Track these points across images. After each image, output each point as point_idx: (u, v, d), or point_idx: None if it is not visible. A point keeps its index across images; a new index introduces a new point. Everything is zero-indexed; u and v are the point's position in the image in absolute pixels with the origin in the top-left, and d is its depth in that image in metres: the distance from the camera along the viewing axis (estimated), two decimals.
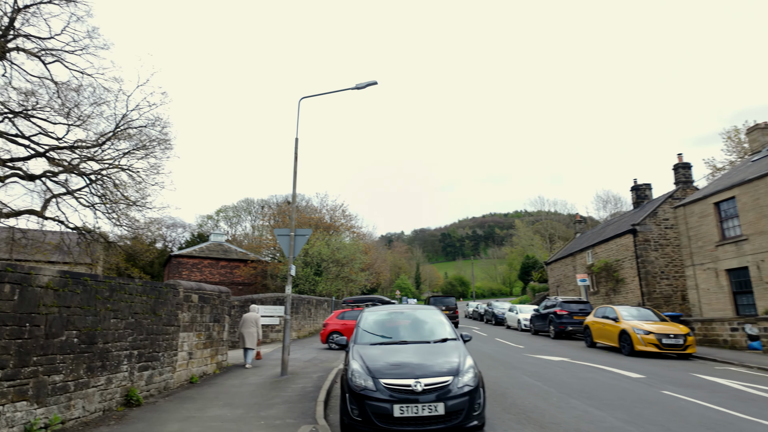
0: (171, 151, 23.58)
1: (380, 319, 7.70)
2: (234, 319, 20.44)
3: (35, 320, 5.52)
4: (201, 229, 63.56)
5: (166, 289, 8.95)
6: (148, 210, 22.77)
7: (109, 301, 7.07)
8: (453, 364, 6.05)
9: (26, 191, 22.09)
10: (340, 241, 38.46)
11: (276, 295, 22.82)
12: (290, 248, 11.14)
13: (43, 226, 21.00)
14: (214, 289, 11.35)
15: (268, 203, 63.44)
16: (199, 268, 37.40)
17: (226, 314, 12.14)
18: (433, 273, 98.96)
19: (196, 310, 10.23)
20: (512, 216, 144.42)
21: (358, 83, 11.53)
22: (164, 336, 8.81)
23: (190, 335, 9.95)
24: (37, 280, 5.58)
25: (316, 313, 29.28)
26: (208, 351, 10.96)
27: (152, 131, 22.19)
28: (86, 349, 6.47)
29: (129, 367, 7.60)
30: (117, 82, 28.43)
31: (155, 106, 22.12)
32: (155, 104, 22.55)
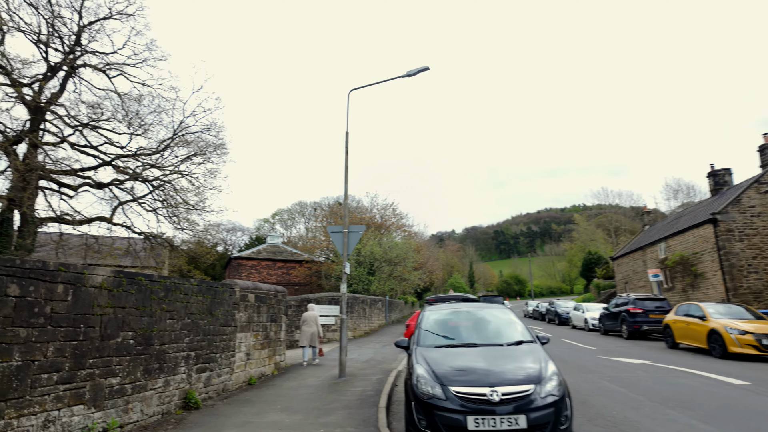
0: (226, 156, 24.07)
1: (443, 319, 7.02)
2: (291, 319, 20.46)
3: (90, 321, 5.34)
4: (258, 232, 65.56)
5: (222, 288, 8.76)
6: (207, 213, 23.35)
7: (165, 301, 6.88)
8: (533, 370, 5.28)
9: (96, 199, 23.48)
10: (392, 240, 38.01)
11: (331, 295, 22.67)
12: (344, 245, 10.71)
13: (111, 231, 22.07)
14: (270, 289, 11.14)
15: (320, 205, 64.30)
16: (258, 270, 38.24)
17: (282, 314, 11.92)
18: (486, 271, 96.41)
19: (252, 309, 10.02)
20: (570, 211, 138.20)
21: (409, 70, 10.91)
22: (221, 337, 8.61)
23: (247, 335, 9.74)
24: (91, 280, 5.40)
25: (371, 313, 28.96)
26: (265, 351, 10.75)
27: (208, 136, 22.71)
28: (143, 350, 6.28)
29: (186, 369, 7.41)
30: (174, 91, 29.54)
31: (210, 111, 22.73)
32: (209, 110, 23.12)
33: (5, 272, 4.31)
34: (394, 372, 10.97)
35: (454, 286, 65.24)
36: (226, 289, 8.89)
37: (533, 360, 5.55)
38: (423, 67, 10.77)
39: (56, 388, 4.82)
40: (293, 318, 20.60)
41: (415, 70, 10.79)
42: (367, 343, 20.13)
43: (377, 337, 23.60)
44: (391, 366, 12.61)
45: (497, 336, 6.41)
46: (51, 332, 4.78)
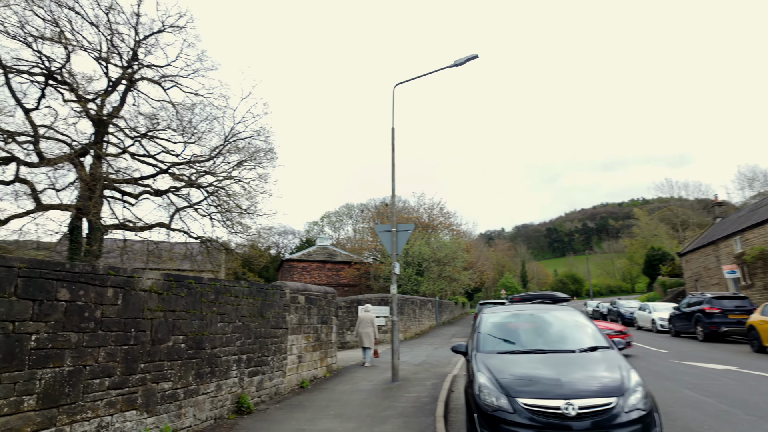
0: (276, 161, 24.39)
1: (504, 322, 6.46)
2: (341, 320, 20.37)
3: (140, 325, 5.26)
4: (308, 235, 66.77)
5: (273, 290, 8.62)
6: (259, 217, 23.79)
7: (215, 304, 6.78)
8: (613, 380, 4.64)
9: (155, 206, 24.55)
10: (440, 239, 37.30)
11: (380, 296, 22.39)
12: (392, 245, 10.33)
13: (169, 237, 22.94)
14: (320, 290, 10.95)
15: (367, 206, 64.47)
16: (308, 271, 38.75)
17: (333, 315, 11.71)
18: (540, 271, 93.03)
19: (303, 311, 9.85)
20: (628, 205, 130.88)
21: (456, 60, 10.37)
22: (272, 339, 8.47)
23: (298, 338, 9.58)
24: (141, 284, 5.33)
25: (421, 314, 28.44)
26: (317, 354, 10.56)
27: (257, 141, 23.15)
28: (194, 354, 6.18)
29: (238, 372, 7.28)
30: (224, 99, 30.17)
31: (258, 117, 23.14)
32: (258, 115, 23.52)
33: (55, 276, 4.26)
34: (449, 377, 10.45)
35: (505, 287, 63.37)
36: (276, 291, 8.75)
37: (611, 368, 4.90)
38: (471, 55, 10.20)
39: (108, 394, 4.74)
40: (343, 319, 20.50)
41: (464, 58, 10.24)
42: (419, 345, 19.66)
43: (428, 339, 23.08)
44: (445, 370, 12.09)
45: (566, 341, 5.77)
46: (102, 337, 4.71)
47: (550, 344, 5.67)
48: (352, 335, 20.57)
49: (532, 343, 5.73)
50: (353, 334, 20.55)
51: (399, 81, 11.09)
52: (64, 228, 19.66)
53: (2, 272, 3.82)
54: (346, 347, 20.03)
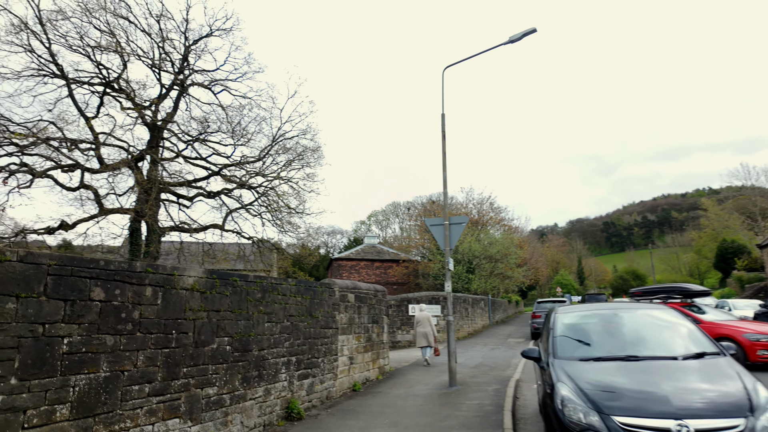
0: (322, 160, 24.26)
1: (584, 323, 5.59)
2: (392, 319, 19.83)
3: (182, 327, 4.89)
4: (356, 234, 67.08)
5: (321, 288, 8.16)
6: (307, 216, 23.75)
7: (262, 303, 6.37)
8: (736, 395, 3.73)
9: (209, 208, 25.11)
10: (491, 235, 35.95)
11: (431, 294, 21.64)
12: (445, 239, 9.60)
13: (222, 237, 23.34)
14: (369, 288, 10.42)
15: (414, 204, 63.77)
16: (357, 270, 38.62)
17: (384, 314, 11.15)
18: (598, 267, 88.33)
19: (353, 310, 9.34)
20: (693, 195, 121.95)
21: (512, 35, 9.48)
22: (322, 340, 8.00)
23: (349, 338, 9.08)
24: (182, 282, 4.96)
25: (473, 313, 27.40)
26: (369, 355, 10.03)
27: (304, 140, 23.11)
28: (240, 357, 5.78)
29: (288, 375, 6.85)
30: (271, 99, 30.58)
31: (305, 115, 23.07)
32: (304, 114, 23.44)
33: (88, 274, 3.93)
34: (512, 381, 9.59)
35: (561, 284, 60.56)
36: (325, 289, 8.28)
37: (730, 380, 3.98)
38: (529, 29, 9.27)
39: (149, 401, 4.38)
40: (394, 318, 19.94)
41: (520, 34, 9.33)
42: (473, 346, 18.75)
43: (482, 339, 22.06)
44: (505, 373, 11.20)
45: (664, 345, 4.85)
46: (140, 339, 4.36)
47: (643, 349, 4.77)
48: (404, 334, 19.98)
49: (621, 348, 4.86)
50: (406, 333, 19.96)
51: (448, 64, 10.33)
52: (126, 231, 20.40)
53: (30, 270, 3.50)
54: (398, 347, 19.47)
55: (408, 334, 19.91)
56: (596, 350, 4.88)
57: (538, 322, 20.33)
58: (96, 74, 18.35)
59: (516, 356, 15.03)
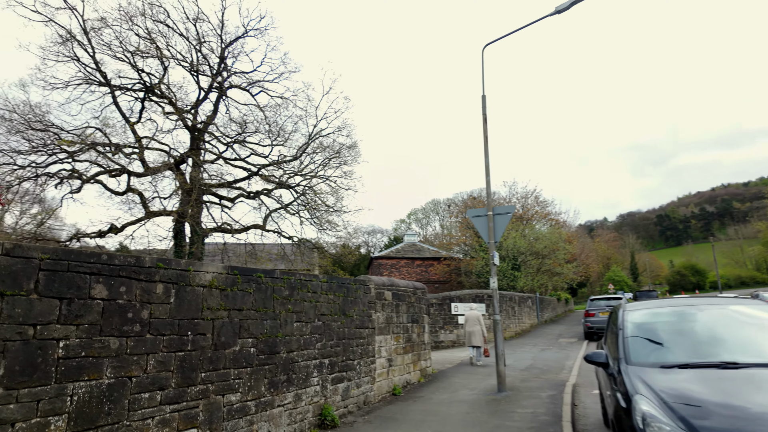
0: (359, 157, 23.85)
1: (658, 321, 4.69)
2: (433, 319, 19.08)
3: (199, 327, 4.44)
4: (396, 233, 66.63)
5: (355, 285, 7.59)
6: (345, 214, 23.44)
7: (290, 301, 5.86)
8: None
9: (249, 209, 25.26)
10: (537, 230, 34.34)
11: (474, 292, 20.70)
12: (489, 231, 8.79)
13: (262, 237, 23.39)
14: (408, 285, 9.77)
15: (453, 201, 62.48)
16: (397, 268, 38.06)
17: (424, 313, 10.46)
18: (652, 262, 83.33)
19: (390, 309, 8.73)
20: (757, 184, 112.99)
21: (558, 5, 8.55)
22: (358, 340, 7.43)
23: (386, 338, 8.47)
24: (198, 278, 4.51)
25: (520, 312, 26.14)
26: (409, 356, 9.38)
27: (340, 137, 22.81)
28: (266, 360, 5.29)
29: (320, 379, 6.32)
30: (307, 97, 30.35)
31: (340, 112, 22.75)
32: (340, 110, 23.09)
33: (88, 270, 3.52)
34: (568, 387, 8.66)
35: (613, 280, 57.45)
36: (359, 286, 7.71)
37: None
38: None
39: (161, 410, 3.94)
40: (435, 317, 19.17)
41: (567, 2, 8.38)
42: (521, 347, 17.67)
43: (531, 339, 20.87)
44: (559, 377, 10.24)
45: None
46: (150, 342, 3.92)
47: (743, 354, 3.85)
48: (447, 334, 19.18)
49: (713, 353, 3.95)
50: (449, 333, 19.16)
51: (488, 41, 9.50)
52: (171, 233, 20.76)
53: (18, 264, 3.11)
54: (441, 347, 18.69)
55: (451, 334, 19.09)
56: (680, 355, 4.00)
57: (592, 321, 18.95)
58: (138, 80, 18.75)
59: (569, 358, 13.92)
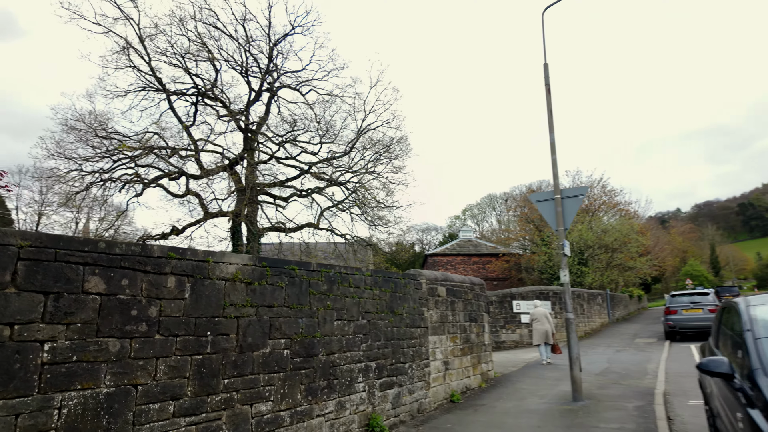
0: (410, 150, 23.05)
1: None
2: (493, 317, 17.87)
3: (220, 327, 3.84)
4: (450, 230, 65.24)
5: (404, 280, 6.80)
6: (396, 209, 22.74)
7: (329, 296, 5.18)
8: None
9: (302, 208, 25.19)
10: (606, 222, 31.78)
11: (538, 289, 19.20)
12: (557, 216, 7.66)
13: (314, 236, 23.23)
14: (464, 280, 8.83)
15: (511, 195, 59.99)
16: (453, 265, 36.90)
17: (483, 311, 9.47)
18: (735, 255, 75.61)
19: (444, 306, 7.84)
20: None
21: None
22: (409, 341, 6.64)
23: (441, 339, 7.60)
24: (219, 271, 3.92)
25: (590, 310, 24.12)
26: (468, 359, 8.44)
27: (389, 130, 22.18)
28: (302, 363, 4.63)
29: (366, 385, 5.59)
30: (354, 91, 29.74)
31: (389, 104, 22.04)
32: (388, 102, 22.42)
33: (81, 259, 2.99)
34: (657, 396, 7.34)
35: (691, 275, 52.45)
36: (409, 281, 6.90)
37: None
38: None
39: (175, 423, 3.36)
40: (496, 316, 17.95)
41: None
42: (594, 347, 16.06)
43: (603, 339, 19.04)
44: (643, 383, 8.85)
45: None
46: (160, 344, 3.35)
47: None
48: (509, 334, 17.89)
49: None
50: (511, 332, 17.87)
51: (548, 3, 8.35)
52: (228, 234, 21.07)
53: None
54: (503, 348, 17.45)
55: (513, 334, 17.79)
56: None
57: (675, 318, 16.87)
58: (192, 85, 19.12)
59: (651, 360, 12.28)
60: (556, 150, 7.97)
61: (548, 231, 29.95)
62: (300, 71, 21.83)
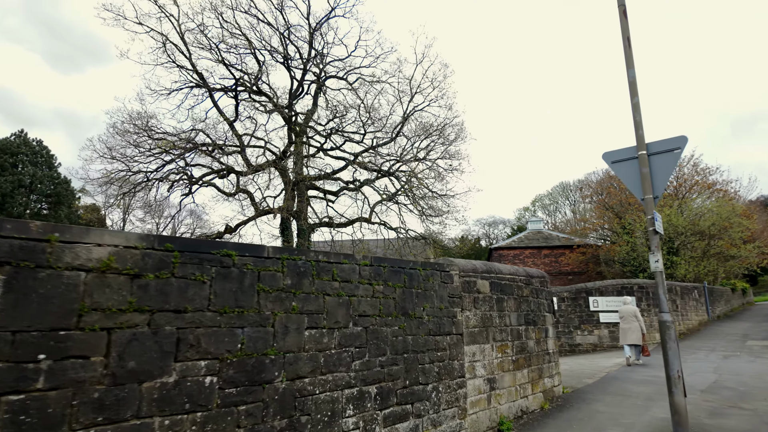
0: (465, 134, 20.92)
1: None
2: (565, 316, 15.31)
3: (70, 345, 2.32)
4: (519, 222, 61.41)
5: (426, 271, 5.00)
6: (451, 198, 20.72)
7: (295, 295, 3.55)
8: None
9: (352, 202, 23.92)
10: (700, 205, 27.25)
11: (619, 282, 16.25)
12: (643, 180, 5.42)
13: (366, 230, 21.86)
14: (516, 272, 6.81)
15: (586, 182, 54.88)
16: (521, 259, 33.99)
17: (545, 311, 7.36)
18: None
19: (488, 305, 5.92)
20: None
21: None
22: (432, 353, 4.84)
23: (484, 349, 5.69)
24: (70, 256, 2.45)
25: (684, 306, 20.41)
26: (523, 373, 6.43)
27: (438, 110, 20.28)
28: (240, 396, 3.02)
29: (360, 420, 3.89)
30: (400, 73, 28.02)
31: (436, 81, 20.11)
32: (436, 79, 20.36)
33: None
34: None
35: None
36: (433, 273, 5.09)
37: None
38: None
39: None
40: (568, 315, 15.36)
41: None
42: (693, 352, 13.01)
43: (704, 341, 15.66)
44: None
45: None
46: None
47: None
48: (585, 335, 15.25)
49: None
50: (588, 334, 15.22)
51: None
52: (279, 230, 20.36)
53: None
54: (577, 352, 14.87)
55: (590, 335, 15.12)
56: None
57: None
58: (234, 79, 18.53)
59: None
60: (637, 91, 5.71)
61: (630, 217, 26.21)
62: (346, 58, 20.57)
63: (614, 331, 14.77)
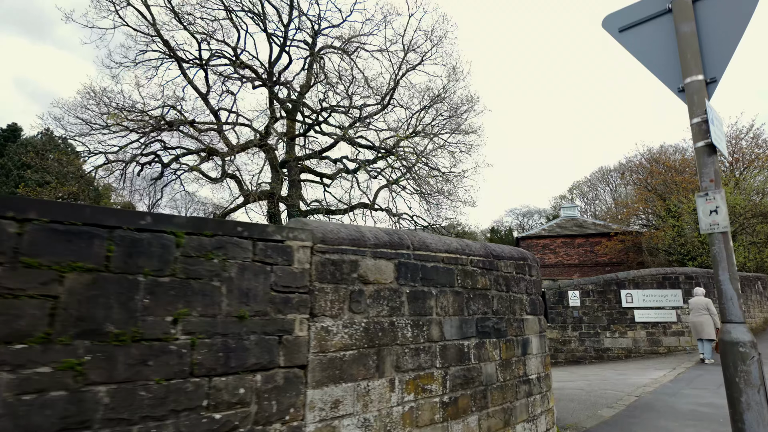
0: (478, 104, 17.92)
1: None
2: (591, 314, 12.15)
3: None
4: (555, 211, 57.13)
5: (200, 238, 2.37)
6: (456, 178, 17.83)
7: None
8: None
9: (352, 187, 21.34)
10: (763, 182, 22.92)
11: (660, 272, 12.85)
12: (683, 47, 2.56)
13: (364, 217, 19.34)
14: (464, 249, 3.99)
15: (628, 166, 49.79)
16: (552, 249, 30.47)
17: (526, 312, 4.51)
18: None
19: (385, 306, 3.18)
20: None
21: None
22: (199, 416, 2.20)
23: (368, 389, 3.00)
24: None
25: (745, 301, 16.56)
26: (469, 424, 3.67)
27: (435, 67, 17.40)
28: None
29: None
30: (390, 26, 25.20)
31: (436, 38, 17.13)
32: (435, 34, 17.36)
33: None
34: None
35: None
36: (227, 242, 2.44)
37: None
38: None
39: None
40: (594, 313, 12.16)
41: None
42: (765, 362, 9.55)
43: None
44: None
45: None
46: None
47: None
48: (616, 338, 12.02)
49: None
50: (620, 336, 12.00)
51: None
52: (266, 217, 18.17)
53: None
54: (605, 359, 11.70)
55: (623, 338, 11.89)
56: None
57: None
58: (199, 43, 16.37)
59: None
60: None
61: (676, 198, 22.29)
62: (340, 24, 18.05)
63: (653, 333, 11.50)
